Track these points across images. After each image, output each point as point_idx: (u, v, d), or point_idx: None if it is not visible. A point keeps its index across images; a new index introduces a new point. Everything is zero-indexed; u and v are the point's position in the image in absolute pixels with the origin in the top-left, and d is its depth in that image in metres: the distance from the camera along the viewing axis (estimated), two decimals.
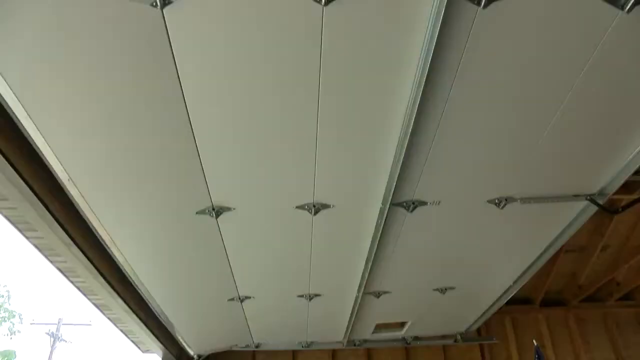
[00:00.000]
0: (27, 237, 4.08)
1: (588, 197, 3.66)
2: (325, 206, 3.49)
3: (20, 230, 3.95)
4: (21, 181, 3.08)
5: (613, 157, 3.30)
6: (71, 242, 3.80)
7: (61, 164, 2.98)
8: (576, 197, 3.67)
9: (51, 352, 32.72)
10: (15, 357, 36.27)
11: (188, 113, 2.64)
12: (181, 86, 2.47)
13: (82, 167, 3.04)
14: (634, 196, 5.00)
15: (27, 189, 3.16)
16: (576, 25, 2.32)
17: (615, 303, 8.10)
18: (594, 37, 2.38)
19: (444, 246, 4.28)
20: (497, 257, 4.60)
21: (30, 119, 2.61)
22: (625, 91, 2.72)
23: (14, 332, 35.48)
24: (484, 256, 4.56)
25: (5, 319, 35.14)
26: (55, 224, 3.55)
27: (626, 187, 4.60)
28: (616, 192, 3.72)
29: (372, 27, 2.28)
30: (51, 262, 4.57)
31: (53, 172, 3.10)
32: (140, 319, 5.35)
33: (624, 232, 6.69)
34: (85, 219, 3.63)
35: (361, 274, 4.48)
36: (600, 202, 3.69)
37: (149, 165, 3.06)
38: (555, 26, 2.32)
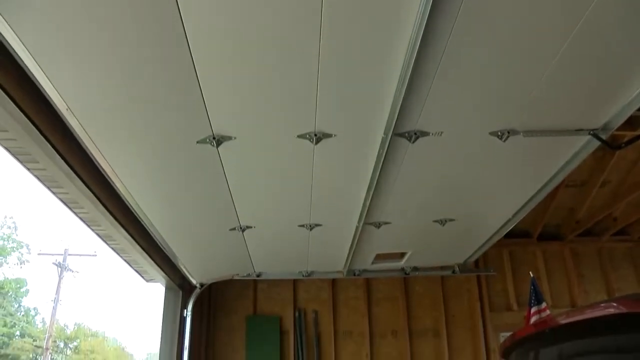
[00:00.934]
0: (28, 169, 4.11)
1: (591, 132, 3.65)
2: (327, 135, 3.48)
3: (21, 162, 3.97)
4: (19, 112, 3.05)
5: (618, 93, 3.26)
6: (73, 174, 3.82)
7: (59, 93, 2.94)
8: (579, 131, 3.65)
9: (59, 281, 33.48)
10: (25, 285, 37.32)
11: (187, 40, 2.58)
12: (180, 12, 2.41)
13: (80, 96, 3.01)
14: (638, 132, 4.98)
15: (26, 119, 3.13)
16: None
17: (611, 238, 8.22)
18: None
19: (444, 178, 4.29)
20: (498, 190, 4.63)
21: (25, 47, 2.56)
22: (635, 25, 2.66)
23: (23, 261, 36.31)
24: (485, 189, 4.58)
25: (14, 249, 35.89)
26: (56, 155, 3.55)
27: (630, 123, 4.57)
28: (619, 128, 3.70)
29: None
30: (54, 193, 4.63)
31: (51, 103, 3.08)
32: (143, 248, 5.45)
33: (624, 169, 6.71)
34: (86, 150, 3.63)
35: (362, 204, 4.51)
36: (604, 137, 3.68)
37: (148, 94, 3.02)
38: None
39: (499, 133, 3.59)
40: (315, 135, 3.47)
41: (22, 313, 37.58)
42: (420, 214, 5.02)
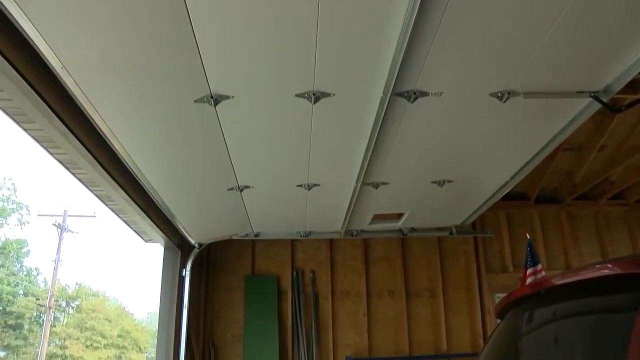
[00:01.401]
0: (25, 130, 4.08)
1: (592, 95, 3.62)
2: (326, 95, 3.45)
3: (17, 123, 3.93)
4: (13, 71, 3.00)
5: (621, 55, 3.23)
6: (70, 134, 3.79)
7: (53, 52, 2.89)
8: (580, 94, 3.63)
9: (59, 242, 33.76)
10: (26, 246, 37.67)
11: None
12: None
13: (75, 55, 2.96)
14: (639, 95, 4.95)
15: (20, 78, 3.08)
16: None
17: (607, 202, 8.27)
18: None
19: (443, 139, 4.28)
20: (497, 151, 4.62)
21: (18, 6, 2.50)
22: None
23: (23, 223, 36.56)
24: (484, 150, 4.58)
25: (14, 210, 36.08)
26: (53, 115, 3.51)
27: (631, 86, 4.54)
28: (620, 91, 3.68)
29: None
30: (51, 154, 4.60)
31: (46, 62, 3.03)
32: (141, 209, 5.45)
33: (623, 133, 6.69)
34: (83, 111, 3.60)
35: (360, 164, 4.50)
36: (604, 100, 3.66)
37: (145, 53, 2.99)
38: None
39: (499, 94, 3.56)
40: (314, 94, 3.44)
41: (24, 273, 38.10)
42: (418, 174, 5.02)
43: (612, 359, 1.89)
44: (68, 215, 34.64)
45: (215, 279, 7.64)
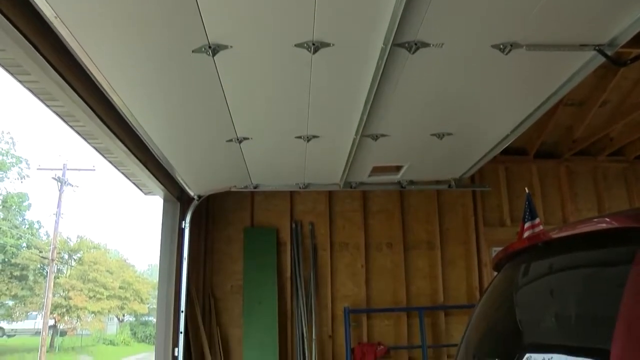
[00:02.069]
0: (21, 82, 4.02)
1: (596, 48, 3.57)
2: (325, 45, 3.39)
3: (12, 74, 3.87)
4: (5, 20, 2.92)
5: (629, 6, 3.16)
6: (67, 86, 3.73)
7: (45, 1, 2.82)
8: (584, 47, 3.58)
9: (60, 196, 33.93)
10: (27, 199, 37.90)
11: None
12: None
13: (68, 3, 2.89)
14: None
15: (12, 28, 3.00)
16: None
17: (606, 158, 8.27)
18: None
19: (444, 91, 4.23)
20: (497, 104, 4.58)
21: None
22: None
23: (23, 176, 36.67)
24: (484, 103, 4.54)
25: (14, 164, 36.11)
26: (48, 66, 3.45)
27: (636, 40, 4.45)
28: (625, 45, 3.62)
29: None
30: (48, 107, 4.55)
31: (40, 11, 2.96)
32: (140, 161, 5.43)
33: (626, 88, 6.63)
34: (80, 62, 3.54)
35: (360, 116, 4.46)
36: (609, 53, 3.60)
37: (141, 1, 2.92)
38: None
39: (502, 46, 3.51)
40: (313, 44, 3.38)
41: (27, 226, 38.52)
42: (418, 127, 4.99)
43: (606, 310, 1.91)
44: (67, 169, 34.75)
45: (214, 231, 7.69)
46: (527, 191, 6.40)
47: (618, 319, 1.75)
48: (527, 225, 6.13)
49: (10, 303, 36.95)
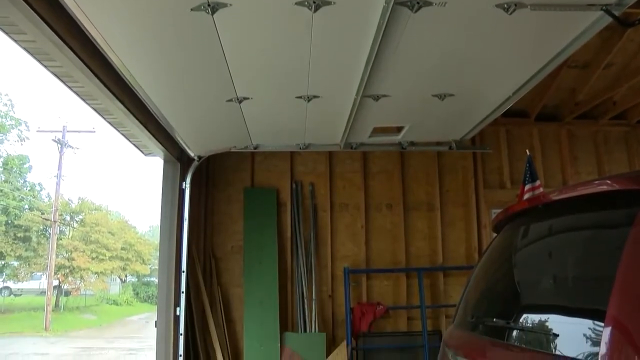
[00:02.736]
0: (16, 41, 3.96)
1: (603, 7, 3.49)
2: (326, 2, 3.33)
3: (8, 34, 3.81)
4: None
5: None
6: (63, 45, 3.65)
7: None
8: (590, 6, 3.50)
9: (60, 158, 33.93)
10: (28, 161, 37.88)
11: None
12: None
13: None
14: None
15: None
16: None
17: (608, 122, 8.22)
18: None
19: (446, 51, 4.17)
20: (500, 65, 4.53)
21: None
22: None
23: (23, 139, 36.59)
24: (487, 63, 4.48)
25: (13, 126, 35.97)
26: (44, 25, 3.36)
27: None
28: (633, 5, 3.55)
29: None
30: (46, 67, 4.50)
31: None
32: (140, 121, 5.39)
33: (631, 51, 6.52)
34: (77, 21, 3.47)
35: (360, 76, 4.41)
36: (616, 13, 3.53)
37: None
38: None
39: (505, 5, 3.44)
40: (314, 2, 3.32)
41: (28, 188, 38.70)
42: (419, 87, 4.94)
43: (603, 272, 1.93)
44: (67, 131, 34.68)
45: (214, 191, 7.71)
46: (527, 153, 6.39)
47: (615, 280, 1.76)
48: (527, 187, 6.13)
49: (15, 264, 37.43)
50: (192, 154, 6.79)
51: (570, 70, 6.88)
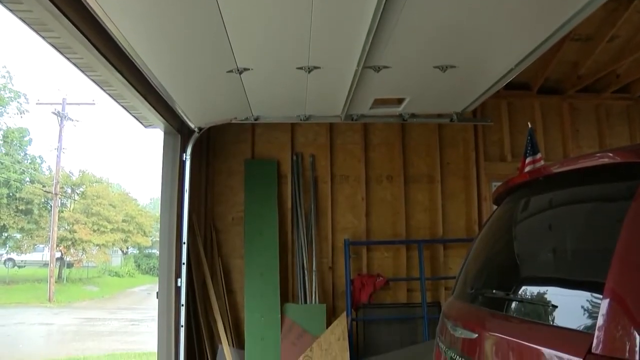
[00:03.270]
0: (13, 11, 3.90)
1: None
2: None
3: (4, 4, 3.75)
4: None
5: None
6: (61, 15, 3.59)
7: None
8: None
9: (60, 130, 33.86)
10: (28, 134, 37.78)
11: None
12: None
13: None
14: None
15: None
16: None
17: (611, 95, 8.14)
18: None
19: (448, 22, 4.11)
20: (503, 36, 4.47)
21: None
22: None
23: (23, 111, 36.43)
24: (489, 34, 4.43)
25: (12, 99, 35.78)
26: None
27: None
28: None
29: None
30: (43, 38, 4.45)
31: None
32: (140, 93, 5.35)
33: (637, 23, 6.41)
34: None
35: (362, 46, 4.36)
36: None
37: None
38: None
39: None
40: None
41: (29, 161, 38.64)
42: (421, 58, 4.90)
43: (603, 245, 1.93)
44: (67, 104, 34.56)
45: (215, 163, 7.71)
46: (529, 125, 6.36)
47: (615, 253, 1.76)
48: (528, 160, 6.12)
49: (18, 236, 37.62)
50: (192, 126, 6.76)
51: (573, 43, 6.80)
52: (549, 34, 4.38)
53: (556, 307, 2.04)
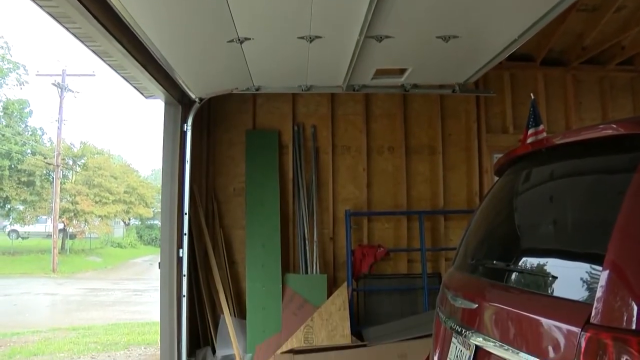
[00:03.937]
0: None
1: None
2: None
3: None
4: None
5: None
6: None
7: None
8: None
9: (61, 102, 33.75)
10: (28, 106, 37.64)
11: None
12: None
13: None
14: None
15: None
16: None
17: (615, 67, 8.06)
18: None
19: None
20: (507, 7, 4.40)
21: None
22: None
23: (22, 83, 36.25)
24: (493, 5, 4.35)
25: (11, 70, 35.53)
26: None
27: None
28: None
29: None
30: (41, 7, 4.38)
31: None
32: (140, 63, 5.30)
33: None
34: None
35: (364, 16, 4.30)
36: None
37: None
38: None
39: None
40: None
41: (30, 133, 38.62)
42: (423, 28, 4.84)
43: (604, 217, 1.92)
44: (67, 75, 34.38)
45: (216, 133, 7.70)
46: (532, 97, 6.31)
47: (616, 225, 1.76)
48: (530, 131, 6.10)
49: (21, 208, 37.81)
50: (193, 96, 6.72)
51: (579, 13, 6.69)
52: (554, 4, 4.31)
53: (556, 278, 2.05)
